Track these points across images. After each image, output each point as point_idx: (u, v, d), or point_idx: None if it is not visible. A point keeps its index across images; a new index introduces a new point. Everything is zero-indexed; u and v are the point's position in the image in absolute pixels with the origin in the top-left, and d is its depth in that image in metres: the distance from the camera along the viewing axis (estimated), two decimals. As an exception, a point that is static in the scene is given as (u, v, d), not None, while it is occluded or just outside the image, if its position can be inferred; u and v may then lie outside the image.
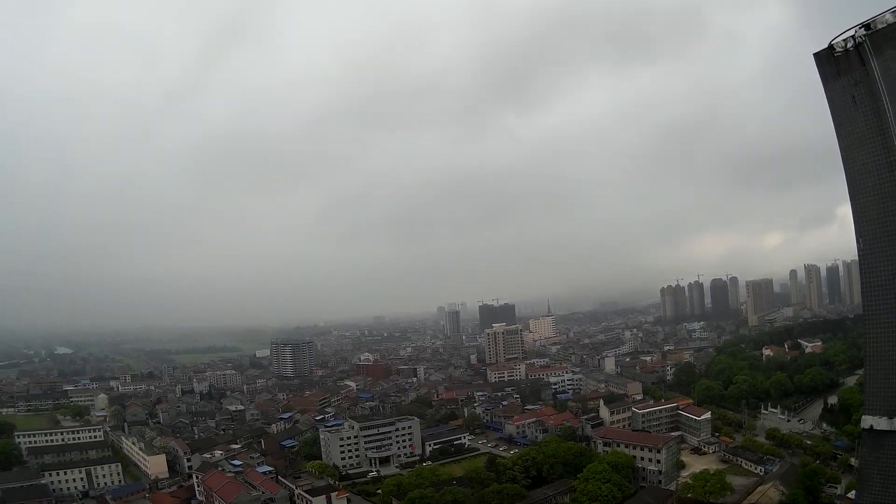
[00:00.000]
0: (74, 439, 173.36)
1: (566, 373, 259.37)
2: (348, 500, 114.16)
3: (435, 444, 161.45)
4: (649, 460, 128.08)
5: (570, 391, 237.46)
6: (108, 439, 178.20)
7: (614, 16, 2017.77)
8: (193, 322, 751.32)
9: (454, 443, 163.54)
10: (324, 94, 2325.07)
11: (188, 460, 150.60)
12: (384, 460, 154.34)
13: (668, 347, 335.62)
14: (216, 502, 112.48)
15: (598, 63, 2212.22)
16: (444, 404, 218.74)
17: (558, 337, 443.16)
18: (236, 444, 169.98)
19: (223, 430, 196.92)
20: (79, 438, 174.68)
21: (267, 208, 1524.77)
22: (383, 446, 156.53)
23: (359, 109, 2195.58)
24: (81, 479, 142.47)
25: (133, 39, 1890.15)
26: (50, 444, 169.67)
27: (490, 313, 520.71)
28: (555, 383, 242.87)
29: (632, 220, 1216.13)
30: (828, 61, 65.38)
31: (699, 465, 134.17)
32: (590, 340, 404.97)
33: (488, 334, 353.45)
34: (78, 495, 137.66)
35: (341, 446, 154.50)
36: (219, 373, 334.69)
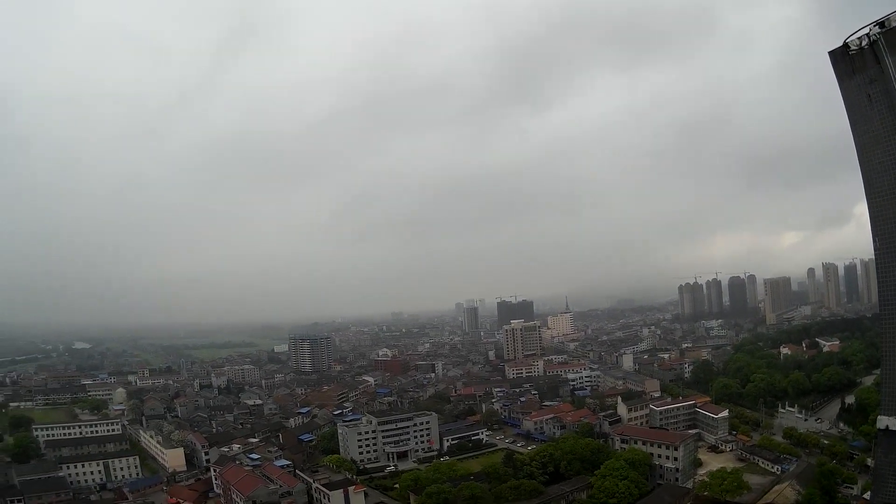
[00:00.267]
0: (92, 433, 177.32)
1: (584, 369, 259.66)
2: (366, 495, 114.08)
3: (452, 439, 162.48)
4: (666, 458, 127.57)
5: (588, 388, 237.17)
6: (126, 433, 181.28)
7: (624, 15, 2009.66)
8: (211, 319, 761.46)
9: (472, 438, 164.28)
10: (344, 92, 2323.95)
11: (206, 454, 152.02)
12: (402, 455, 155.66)
13: (685, 345, 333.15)
14: (234, 495, 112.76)
15: (609, 62, 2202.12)
16: (462, 400, 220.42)
17: (576, 334, 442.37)
18: (254, 438, 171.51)
19: (241, 424, 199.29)
20: (97, 432, 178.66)
21: (286, 207, 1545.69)
22: (401, 441, 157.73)
23: (372, 109, 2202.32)
24: (99, 471, 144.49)
25: (136, 40, 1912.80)
26: (68, 437, 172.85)
27: (508, 310, 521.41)
28: (572, 380, 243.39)
29: (647, 218, 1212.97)
30: (843, 59, 65.08)
31: (716, 463, 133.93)
32: (608, 337, 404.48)
33: (506, 331, 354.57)
34: (96, 487, 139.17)
35: (359, 441, 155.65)
36: (237, 367, 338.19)
